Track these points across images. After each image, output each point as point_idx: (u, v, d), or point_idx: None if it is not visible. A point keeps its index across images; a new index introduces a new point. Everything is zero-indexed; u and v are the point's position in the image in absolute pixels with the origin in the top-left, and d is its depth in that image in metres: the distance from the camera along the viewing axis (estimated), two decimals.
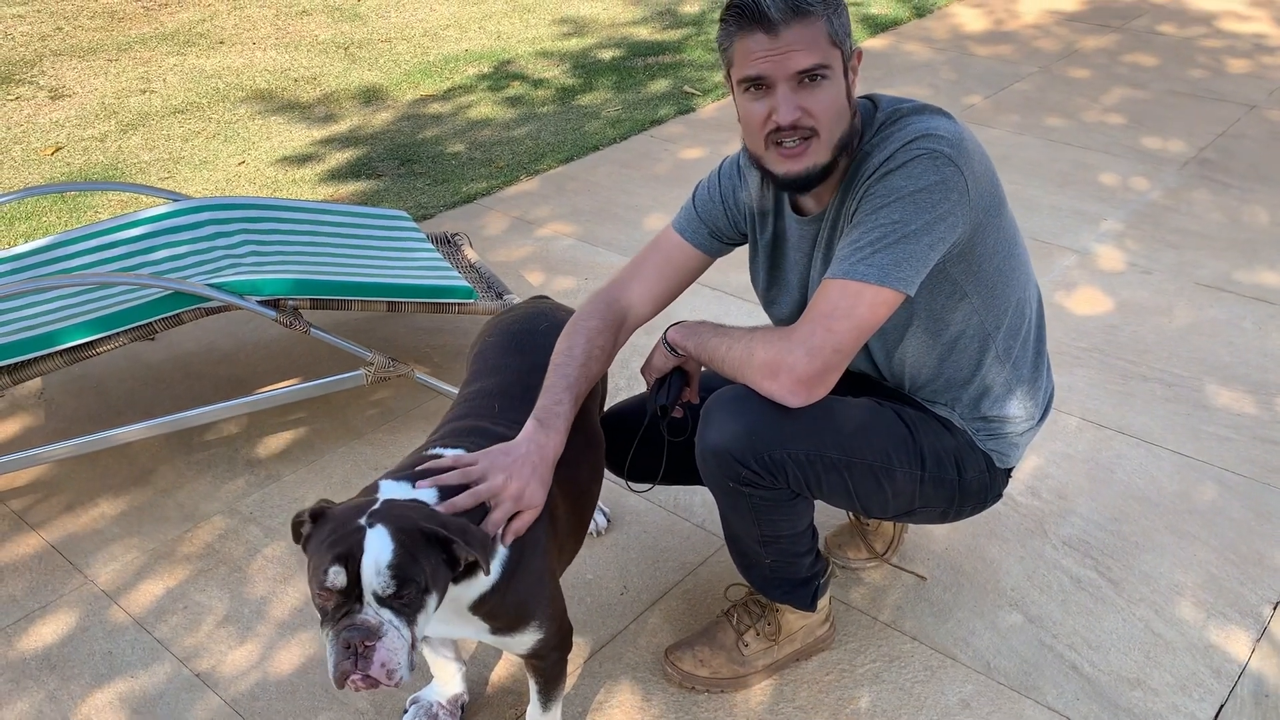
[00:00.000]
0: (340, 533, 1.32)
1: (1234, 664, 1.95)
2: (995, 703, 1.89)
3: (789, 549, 1.78)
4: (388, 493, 1.44)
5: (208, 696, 1.93)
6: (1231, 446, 2.51)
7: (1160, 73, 4.96)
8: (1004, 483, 1.85)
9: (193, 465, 2.53)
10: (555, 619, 1.61)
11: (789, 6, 1.47)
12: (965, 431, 1.77)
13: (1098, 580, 2.14)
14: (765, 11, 1.47)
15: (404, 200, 3.88)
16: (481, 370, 1.80)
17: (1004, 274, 1.67)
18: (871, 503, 1.74)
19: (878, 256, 1.50)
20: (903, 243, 1.50)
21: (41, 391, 2.81)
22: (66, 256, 2.62)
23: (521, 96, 4.92)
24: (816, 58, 1.49)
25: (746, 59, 1.52)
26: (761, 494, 1.66)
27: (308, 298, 2.41)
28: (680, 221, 1.85)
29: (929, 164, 1.50)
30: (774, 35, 1.48)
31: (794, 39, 1.48)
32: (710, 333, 1.70)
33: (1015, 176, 3.94)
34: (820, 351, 1.53)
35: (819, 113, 1.52)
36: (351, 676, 1.29)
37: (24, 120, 4.79)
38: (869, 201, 1.53)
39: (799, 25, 1.47)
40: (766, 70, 1.50)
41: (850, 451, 1.65)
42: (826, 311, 1.53)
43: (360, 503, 1.39)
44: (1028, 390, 1.78)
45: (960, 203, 1.52)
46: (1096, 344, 2.91)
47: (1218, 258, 3.33)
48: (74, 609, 2.13)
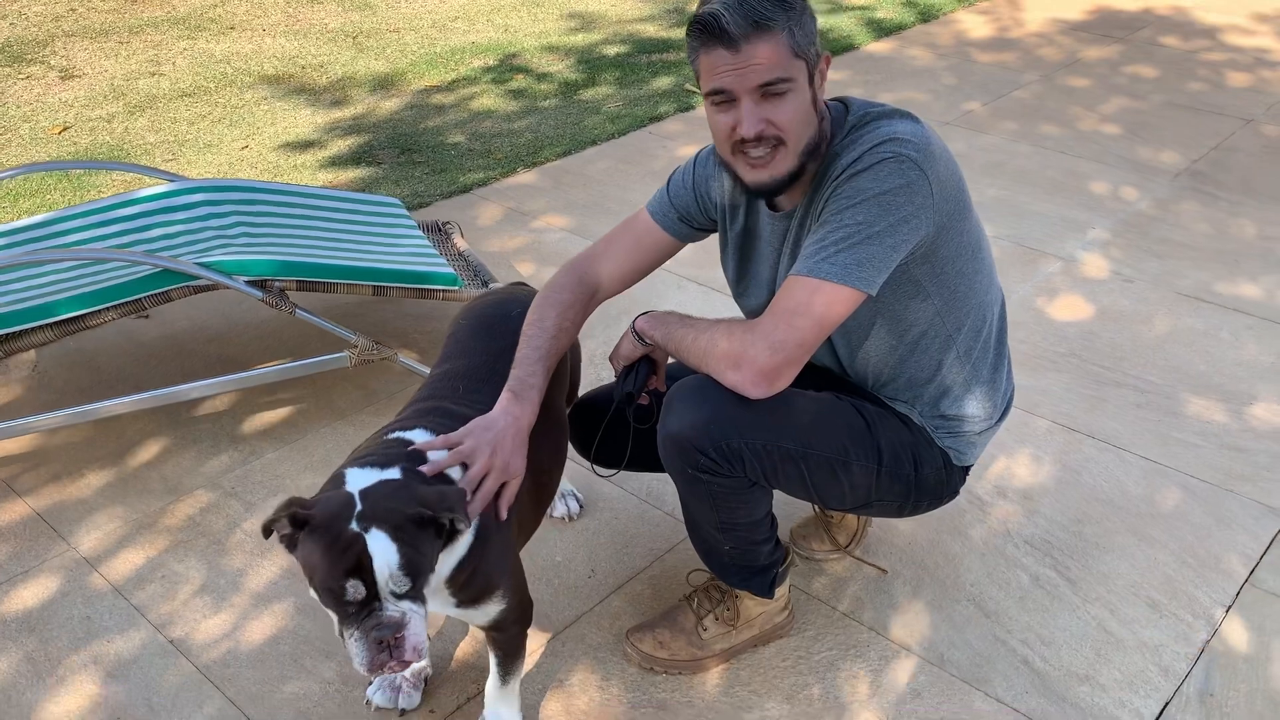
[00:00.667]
0: (339, 543, 1.37)
1: (1183, 663, 1.99)
2: (946, 693, 1.93)
3: (747, 536, 1.83)
4: (355, 481, 1.47)
5: (180, 662, 1.99)
6: (1198, 453, 2.54)
7: (1160, 84, 4.99)
8: (961, 480, 1.89)
9: (179, 440, 2.59)
10: (517, 591, 1.66)
11: (748, 21, 1.50)
12: (923, 429, 1.81)
13: (1056, 579, 2.18)
14: (725, 27, 1.51)
15: (401, 188, 3.94)
16: (452, 352, 1.85)
17: (967, 276, 1.71)
18: (828, 494, 1.79)
19: (841, 256, 1.55)
20: (866, 243, 1.55)
21: (35, 365, 2.87)
22: (64, 232, 2.68)
23: (525, 90, 4.97)
24: (778, 71, 1.53)
25: (711, 73, 1.56)
26: (719, 481, 1.71)
27: (294, 279, 2.46)
28: (654, 205, 1.90)
29: (894, 167, 1.55)
30: (735, 50, 1.52)
31: (755, 53, 1.52)
32: (677, 323, 1.74)
33: (1006, 183, 3.97)
34: (782, 346, 1.57)
35: (783, 123, 1.56)
36: (389, 664, 1.40)
37: (33, 99, 4.86)
38: (835, 201, 1.58)
39: (759, 39, 1.51)
40: (729, 84, 1.55)
41: (807, 443, 1.70)
42: (790, 308, 1.57)
43: (339, 501, 1.42)
44: (987, 391, 1.82)
45: (924, 206, 1.57)
46: (1074, 349, 2.95)
47: (1200, 268, 3.37)
48: (55, 574, 2.19)
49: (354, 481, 1.47)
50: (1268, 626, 2.07)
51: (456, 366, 1.80)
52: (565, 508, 2.33)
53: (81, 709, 1.90)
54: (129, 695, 1.92)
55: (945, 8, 6.19)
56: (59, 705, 1.90)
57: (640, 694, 1.93)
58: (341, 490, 1.45)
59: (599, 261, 1.87)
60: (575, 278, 1.84)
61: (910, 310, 1.70)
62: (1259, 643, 2.04)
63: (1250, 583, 2.18)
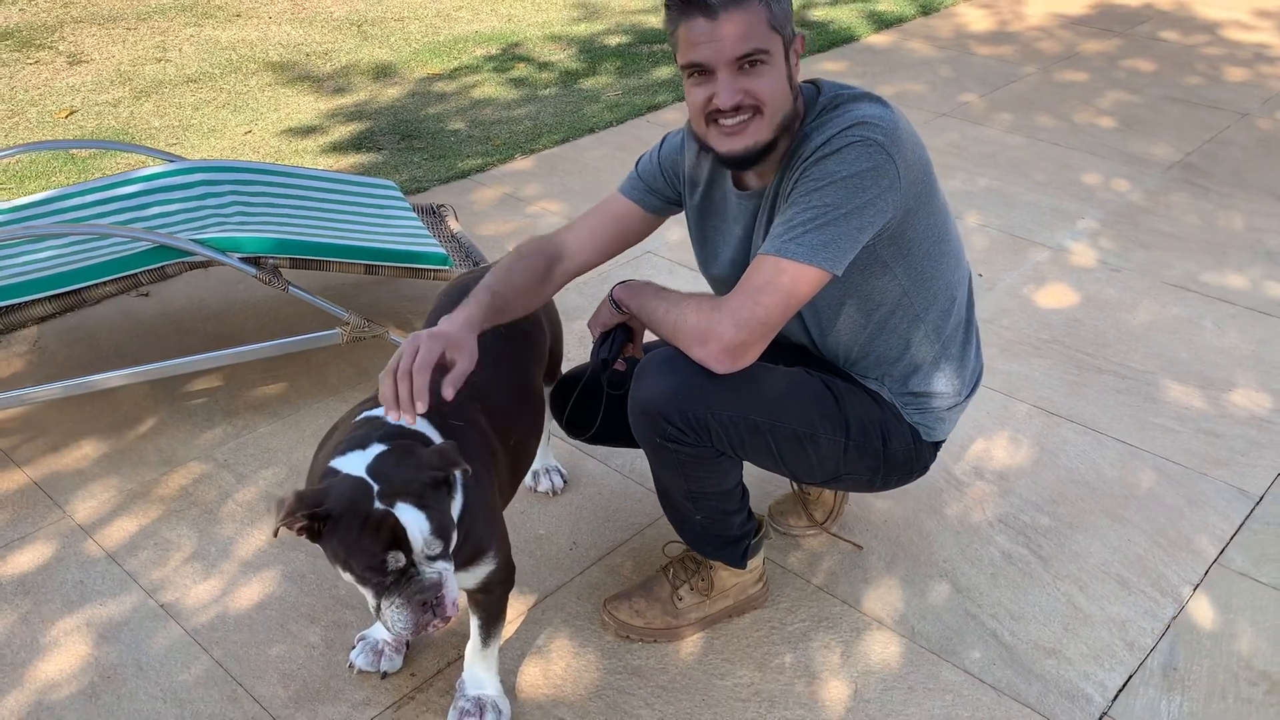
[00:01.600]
0: (370, 524, 1.43)
1: (1148, 638, 2.03)
2: (915, 664, 1.98)
3: (718, 506, 1.88)
4: (349, 467, 1.50)
5: (170, 625, 2.05)
6: (1175, 438, 2.58)
7: (1157, 78, 5.01)
8: (931, 455, 1.93)
9: (174, 413, 2.64)
10: (503, 553, 1.72)
11: None
12: (892, 404, 1.86)
13: (1028, 557, 2.23)
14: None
15: (400, 173, 3.99)
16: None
17: (934, 257, 1.75)
18: (797, 466, 1.83)
19: (808, 236, 1.59)
20: (832, 225, 1.59)
21: (36, 340, 2.93)
22: (64, 210, 2.73)
23: (525, 78, 5.01)
24: (756, 42, 1.57)
25: (689, 45, 1.59)
26: (686, 450, 1.75)
27: (287, 256, 2.51)
28: (624, 182, 1.96)
29: (862, 150, 1.58)
30: (713, 19, 1.55)
31: (732, 24, 1.55)
32: (651, 294, 1.79)
33: (999, 173, 4.01)
34: (747, 324, 1.61)
35: (761, 93, 1.60)
36: (433, 623, 1.49)
37: (41, 84, 4.92)
38: (804, 183, 1.62)
39: (737, 10, 1.54)
40: (707, 57, 1.58)
41: (774, 416, 1.74)
42: (757, 285, 1.61)
43: (351, 485, 1.46)
44: (955, 368, 1.87)
45: (891, 188, 1.61)
46: (1057, 336, 2.98)
47: (1188, 259, 3.40)
48: (51, 541, 2.25)
49: (348, 468, 1.51)
50: (1234, 604, 2.11)
51: None
52: (549, 483, 2.37)
53: (73, 668, 1.95)
54: (119, 656, 1.98)
55: (946, 1, 6.22)
56: (51, 665, 1.96)
57: (616, 660, 1.98)
58: (345, 476, 1.49)
59: (566, 232, 1.92)
60: (539, 239, 1.90)
61: (878, 290, 1.75)
62: (1224, 620, 2.08)
63: (1219, 562, 2.21)
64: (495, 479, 1.73)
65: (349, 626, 2.04)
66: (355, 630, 2.03)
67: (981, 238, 3.53)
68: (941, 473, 2.45)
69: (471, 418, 1.72)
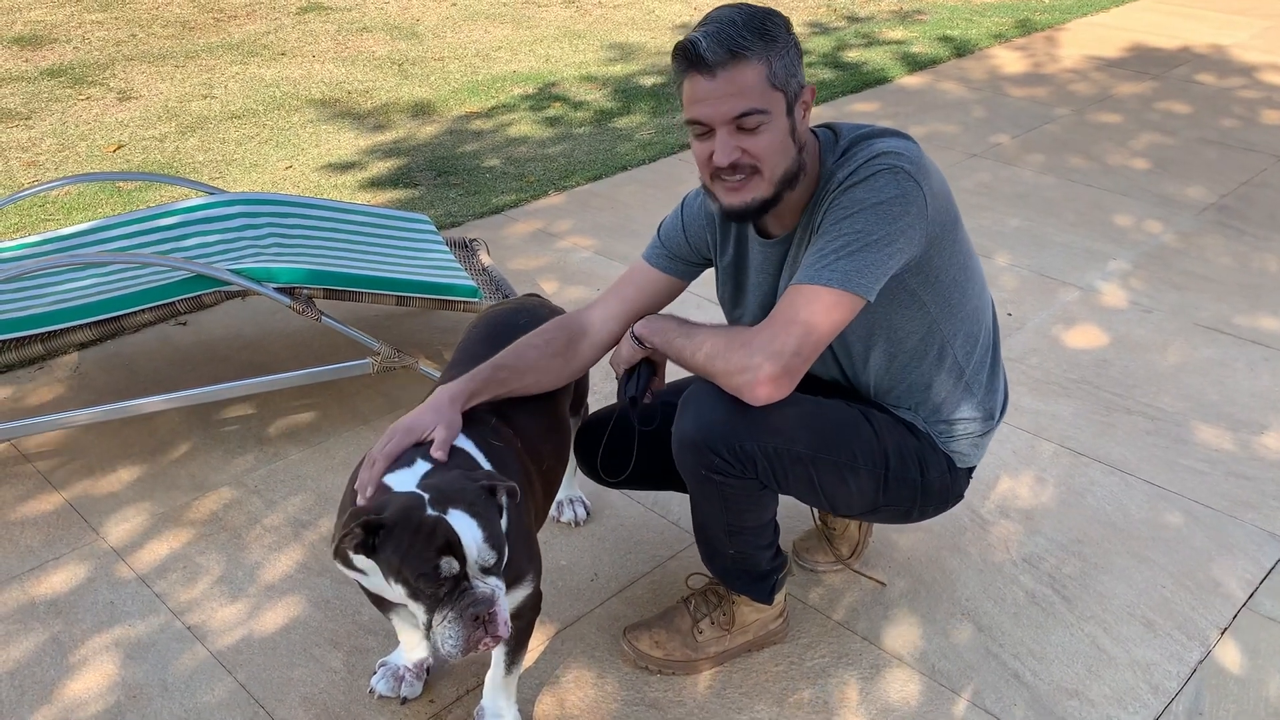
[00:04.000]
0: (424, 530, 1.45)
1: (1173, 682, 2.00)
2: (935, 703, 1.96)
3: (752, 540, 1.89)
4: (399, 484, 1.56)
5: (195, 647, 2.08)
6: (1204, 480, 2.55)
7: (1192, 121, 5.00)
8: (965, 482, 1.94)
9: (208, 440, 2.70)
10: (538, 577, 1.75)
11: (725, 49, 1.55)
12: (928, 434, 1.86)
13: (1052, 597, 2.21)
14: (702, 54, 1.56)
15: (435, 208, 4.06)
16: (459, 358, 1.94)
17: (960, 286, 1.76)
18: (837, 499, 1.84)
19: (840, 263, 1.60)
20: (864, 251, 1.60)
21: (77, 366, 3.01)
22: (107, 239, 2.81)
23: (561, 117, 5.09)
24: (753, 102, 1.58)
25: (690, 102, 1.62)
26: (730, 483, 1.76)
27: (321, 287, 2.57)
28: (648, 250, 1.97)
29: (890, 178, 1.61)
30: (711, 77, 1.57)
31: (731, 83, 1.57)
32: (675, 330, 1.79)
33: (1030, 214, 4.01)
34: (781, 355, 1.62)
35: (758, 152, 1.62)
36: (484, 640, 1.48)
37: (92, 119, 5.07)
38: (833, 213, 1.64)
39: (736, 68, 1.56)
40: (705, 114, 1.60)
41: (817, 448, 1.75)
42: (789, 316, 1.62)
43: (404, 499, 1.49)
44: (984, 395, 1.87)
45: (919, 216, 1.63)
46: (1086, 376, 2.97)
47: (1220, 301, 3.37)
48: (84, 562, 2.29)
49: (399, 484, 1.55)
50: (1262, 649, 2.08)
51: (459, 371, 1.88)
52: (572, 513, 2.39)
53: (100, 687, 1.99)
54: (145, 676, 2.01)
55: (981, 43, 6.25)
56: (79, 683, 2.00)
57: (634, 692, 1.98)
58: (399, 492, 1.53)
59: (592, 308, 1.94)
60: (562, 319, 1.92)
61: (907, 320, 1.76)
62: (1252, 665, 2.04)
63: (1248, 607, 2.18)
64: (531, 503, 1.76)
65: (371, 652, 2.06)
66: (377, 656, 2.05)
67: (1011, 277, 3.53)
68: (966, 511, 2.44)
69: (510, 442, 1.75)
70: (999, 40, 6.35)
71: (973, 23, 6.72)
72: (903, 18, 6.90)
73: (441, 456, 1.62)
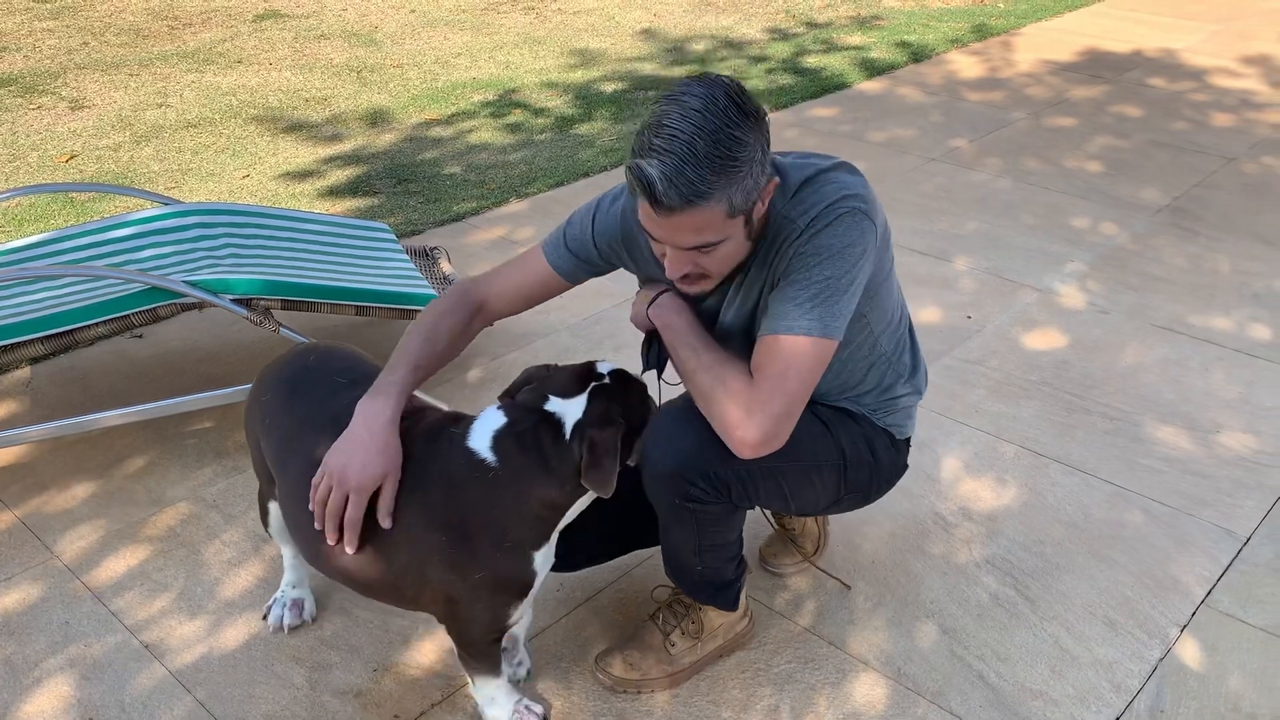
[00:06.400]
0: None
1: (1135, 680, 2.03)
2: (901, 706, 1.97)
3: (721, 555, 1.90)
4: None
5: (153, 666, 2.04)
6: (1162, 478, 2.59)
7: (1144, 124, 5.07)
8: (907, 452, 1.99)
9: (165, 454, 2.65)
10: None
11: (682, 198, 1.46)
12: (865, 416, 1.90)
13: (1015, 598, 2.22)
14: (658, 198, 1.47)
15: (395, 216, 4.03)
16: (273, 429, 1.81)
17: (887, 287, 1.79)
18: (805, 500, 1.87)
19: (816, 310, 1.60)
20: (835, 296, 1.61)
21: (29, 382, 2.95)
22: (60, 252, 2.76)
23: (521, 124, 5.07)
24: (708, 236, 1.53)
25: (644, 218, 1.55)
26: (706, 509, 1.78)
27: (279, 298, 2.53)
28: (550, 247, 1.87)
29: (851, 221, 1.61)
30: (667, 216, 1.50)
31: (687, 222, 1.50)
32: (685, 337, 1.73)
33: (988, 217, 4.05)
34: (777, 417, 1.61)
35: (710, 267, 1.61)
36: None
37: (43, 129, 4.98)
38: (801, 260, 1.61)
39: (693, 212, 1.48)
40: (659, 236, 1.56)
41: (783, 458, 1.74)
42: (779, 371, 1.60)
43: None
44: (909, 371, 1.92)
45: (873, 249, 1.66)
46: (1046, 378, 3.00)
47: (1175, 301, 3.42)
48: (37, 581, 2.25)
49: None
50: (1221, 646, 2.11)
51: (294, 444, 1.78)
52: None
53: (55, 709, 1.95)
54: (102, 697, 1.97)
55: (938, 48, 6.31)
56: (33, 705, 1.95)
57: (602, 703, 1.97)
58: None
59: (487, 280, 1.90)
60: (459, 291, 1.87)
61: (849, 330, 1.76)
62: (1212, 661, 2.07)
63: (1206, 603, 2.21)
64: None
65: (334, 668, 2.04)
66: (339, 672, 2.03)
67: (970, 280, 3.56)
68: (929, 513, 2.46)
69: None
70: (955, 45, 6.41)
71: (930, 28, 6.78)
72: (861, 23, 6.95)
73: (388, 523, 1.63)
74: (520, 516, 1.66)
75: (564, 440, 1.65)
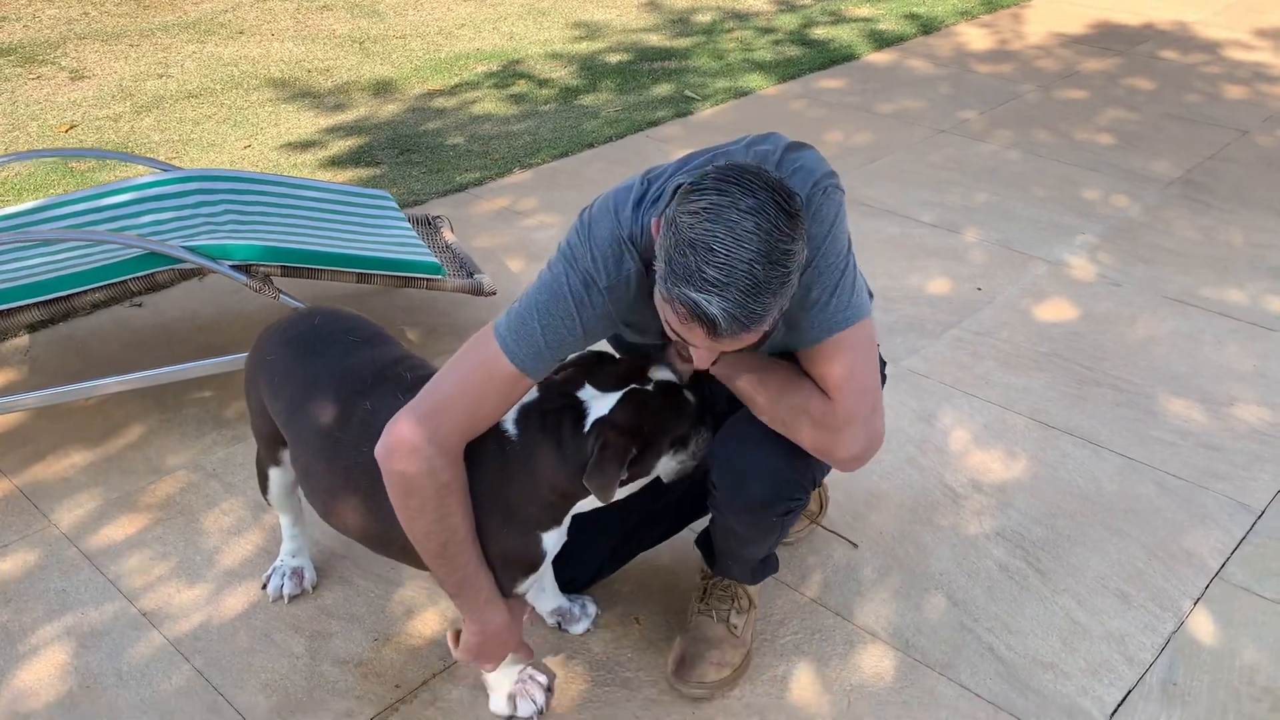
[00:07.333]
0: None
1: (1148, 653, 1.99)
2: (909, 678, 1.94)
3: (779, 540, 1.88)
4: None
5: (151, 634, 2.01)
6: (1175, 451, 2.55)
7: (1156, 96, 5.00)
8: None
9: (164, 423, 2.62)
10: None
11: (744, 327, 1.34)
12: None
13: (1025, 570, 2.19)
14: (720, 334, 1.34)
15: (398, 186, 3.98)
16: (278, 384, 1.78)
17: None
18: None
19: (844, 297, 1.53)
20: (849, 272, 1.55)
21: (28, 349, 2.92)
22: (56, 218, 2.72)
23: (525, 95, 5.01)
24: (750, 343, 1.40)
25: (684, 333, 1.39)
26: (799, 510, 1.76)
27: (278, 264, 2.50)
28: (527, 361, 1.53)
29: (827, 199, 1.53)
30: (717, 340, 1.37)
31: (737, 342, 1.38)
32: (744, 368, 1.62)
33: (998, 188, 3.99)
34: (868, 418, 1.56)
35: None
36: None
37: (43, 99, 4.93)
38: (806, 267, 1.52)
39: (748, 334, 1.36)
40: (697, 344, 1.41)
41: None
42: (847, 375, 1.54)
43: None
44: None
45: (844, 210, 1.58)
46: (1057, 349, 2.96)
47: (1188, 274, 3.37)
48: (34, 549, 2.22)
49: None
50: (1234, 619, 2.07)
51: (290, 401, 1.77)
52: None
53: (51, 677, 1.92)
54: (99, 664, 1.95)
55: (947, 20, 6.23)
56: (30, 673, 1.93)
57: (605, 672, 1.94)
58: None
59: (466, 427, 1.57)
60: (443, 485, 1.56)
61: None
62: (1225, 635, 2.04)
63: (1220, 577, 2.18)
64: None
65: (334, 637, 2.01)
66: (339, 640, 2.00)
67: (980, 252, 3.51)
68: (938, 485, 2.42)
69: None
70: (965, 17, 6.33)
71: (939, 0, 6.70)
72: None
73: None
74: (530, 496, 1.63)
75: (582, 432, 1.60)
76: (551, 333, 1.53)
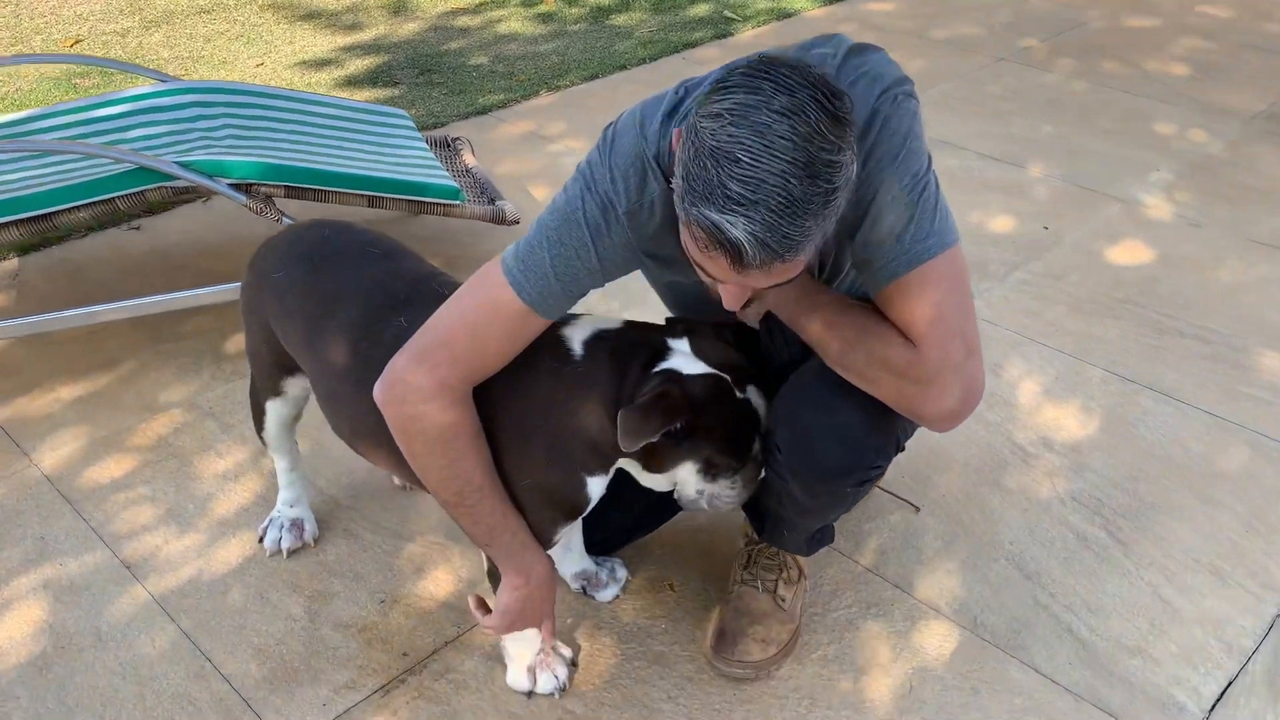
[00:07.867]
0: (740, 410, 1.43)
1: (1249, 639, 1.76)
2: (978, 661, 1.72)
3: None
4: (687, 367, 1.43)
5: (134, 589, 1.82)
6: (1271, 410, 2.29)
7: (1234, 25, 4.65)
8: None
9: (158, 356, 2.41)
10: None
11: (776, 255, 1.12)
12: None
13: (1106, 540, 1.96)
14: (746, 262, 1.13)
15: (417, 107, 3.72)
16: (286, 299, 1.60)
17: None
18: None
19: (924, 224, 1.28)
20: (927, 193, 1.29)
21: (17, 273, 2.71)
22: (41, 130, 2.49)
23: (554, 14, 4.72)
24: (789, 277, 1.20)
25: (708, 265, 1.19)
26: (876, 479, 1.53)
27: (281, 184, 2.26)
28: (536, 298, 1.36)
29: (897, 108, 1.27)
30: (746, 274, 1.16)
31: (770, 275, 1.17)
32: (814, 308, 1.37)
33: (1063, 121, 3.69)
34: (961, 366, 1.30)
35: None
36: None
37: (48, 11, 4.68)
38: (875, 171, 1.27)
39: (782, 265, 1.15)
40: (723, 279, 1.21)
41: None
42: (934, 316, 1.28)
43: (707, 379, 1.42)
44: None
45: (921, 125, 1.33)
46: (1132, 295, 2.69)
47: (1277, 215, 3.08)
48: (11, 491, 2.03)
49: (687, 368, 1.42)
50: None
51: (289, 302, 1.60)
52: None
53: (23, 634, 1.74)
54: (77, 622, 1.76)
55: None
56: (0, 630, 1.74)
57: (636, 645, 1.74)
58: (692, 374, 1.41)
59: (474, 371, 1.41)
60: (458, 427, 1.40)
61: None
62: None
63: None
64: None
65: (336, 597, 1.81)
66: (342, 602, 1.80)
67: (1045, 188, 3.23)
68: (1006, 442, 2.19)
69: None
70: None
71: None
72: None
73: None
74: (577, 431, 1.42)
75: (650, 372, 1.40)
76: (562, 264, 1.35)
